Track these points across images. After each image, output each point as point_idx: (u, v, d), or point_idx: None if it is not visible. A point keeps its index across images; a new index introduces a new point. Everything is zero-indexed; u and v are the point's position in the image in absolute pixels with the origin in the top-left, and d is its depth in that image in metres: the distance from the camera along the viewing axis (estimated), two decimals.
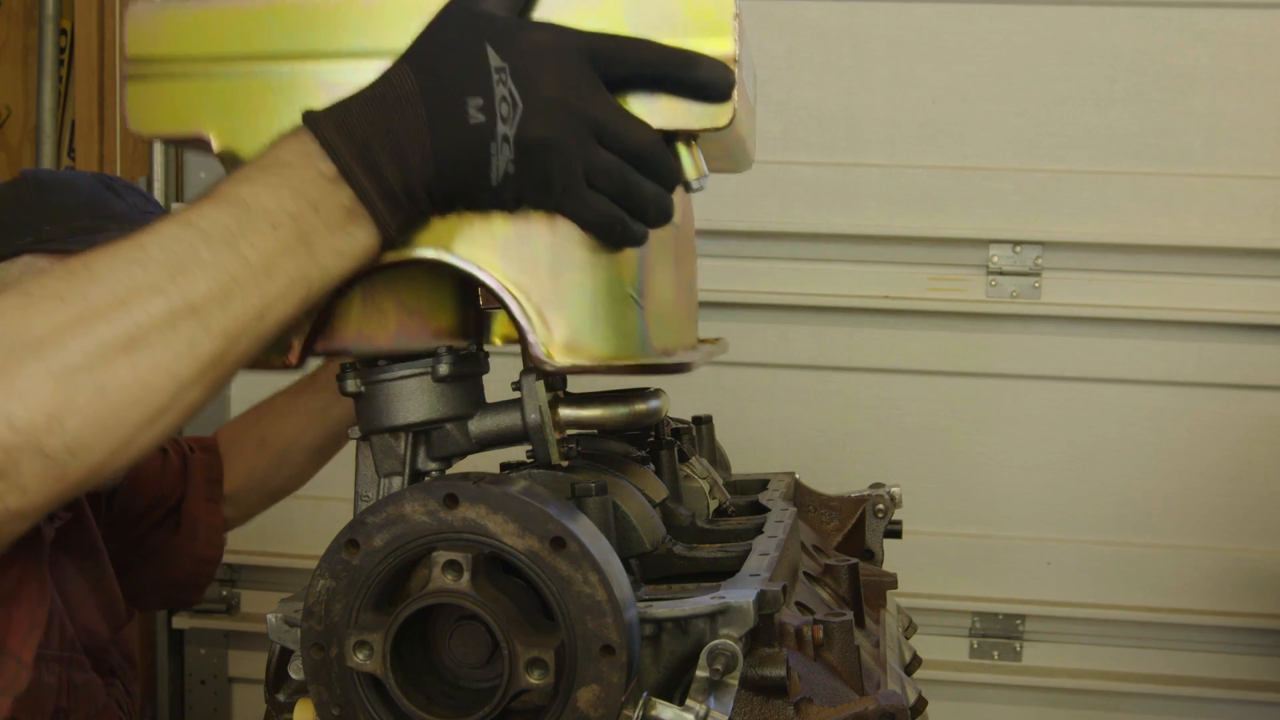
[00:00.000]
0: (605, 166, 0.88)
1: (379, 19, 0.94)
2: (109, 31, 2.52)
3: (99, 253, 0.84)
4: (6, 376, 0.79)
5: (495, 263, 0.93)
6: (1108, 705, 2.46)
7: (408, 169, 0.88)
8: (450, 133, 0.87)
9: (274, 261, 0.86)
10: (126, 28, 0.99)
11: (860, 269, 2.42)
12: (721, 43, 0.91)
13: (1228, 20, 2.32)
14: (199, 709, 2.67)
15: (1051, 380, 2.42)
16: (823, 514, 1.54)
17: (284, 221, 0.86)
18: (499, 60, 0.87)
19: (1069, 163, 2.38)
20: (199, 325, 0.83)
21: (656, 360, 0.96)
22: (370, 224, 0.89)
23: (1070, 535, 2.44)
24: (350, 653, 0.87)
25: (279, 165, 0.87)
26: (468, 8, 0.90)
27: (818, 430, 2.46)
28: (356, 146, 0.87)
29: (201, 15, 0.98)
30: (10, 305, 0.82)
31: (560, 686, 0.86)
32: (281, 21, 0.96)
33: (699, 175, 0.94)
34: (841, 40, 2.40)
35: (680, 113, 0.91)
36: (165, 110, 0.98)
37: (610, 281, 0.94)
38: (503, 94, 0.87)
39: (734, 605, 0.93)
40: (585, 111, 0.87)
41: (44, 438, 0.80)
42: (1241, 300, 2.35)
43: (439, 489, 0.87)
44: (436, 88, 0.88)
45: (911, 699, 1.22)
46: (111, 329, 0.81)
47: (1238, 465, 2.40)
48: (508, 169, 0.88)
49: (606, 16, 0.91)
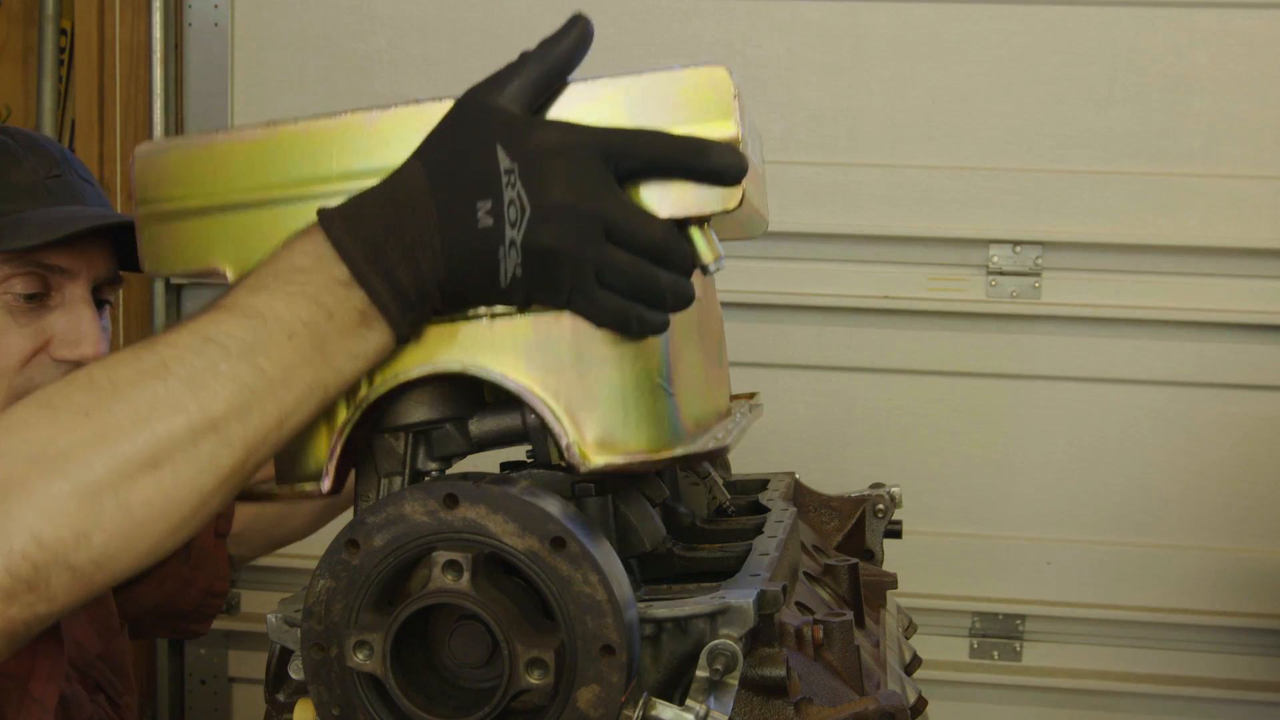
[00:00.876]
0: (617, 264, 0.88)
1: (382, 137, 0.95)
2: (109, 31, 2.52)
3: (121, 364, 0.87)
4: (34, 494, 0.82)
5: (520, 367, 0.94)
6: (1108, 705, 2.46)
7: (419, 271, 0.89)
8: (459, 236, 0.88)
9: (291, 372, 0.88)
10: (134, 171, 1.00)
11: (860, 269, 2.42)
12: (724, 126, 0.91)
13: (1228, 20, 2.32)
14: (199, 709, 2.66)
15: (1051, 380, 2.42)
16: (823, 514, 1.54)
17: (299, 331, 0.88)
18: (509, 161, 0.88)
19: (1069, 163, 2.37)
20: (220, 440, 0.86)
21: (691, 450, 0.95)
22: (384, 325, 0.90)
23: (1070, 535, 2.44)
24: (350, 653, 0.87)
25: (293, 271, 0.89)
26: (482, 102, 0.91)
27: (818, 430, 2.46)
28: (369, 249, 0.89)
29: (206, 152, 0.98)
30: (35, 418, 0.85)
31: (560, 686, 0.86)
32: (285, 151, 0.97)
33: (715, 258, 0.93)
34: (841, 40, 2.40)
35: (690, 199, 0.90)
36: (179, 252, 0.99)
37: (638, 374, 0.93)
38: (511, 197, 0.87)
39: (734, 605, 0.93)
40: (596, 213, 0.87)
41: (71, 554, 0.83)
42: (1241, 300, 2.35)
43: (439, 489, 0.87)
44: (447, 189, 0.89)
45: (911, 699, 1.22)
46: (135, 446, 0.84)
47: (1238, 465, 2.40)
48: (516, 272, 0.89)
49: (608, 110, 0.91)
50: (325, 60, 2.51)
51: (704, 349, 1.07)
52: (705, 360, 1.08)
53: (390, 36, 2.49)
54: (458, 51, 2.48)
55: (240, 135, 0.98)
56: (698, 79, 0.91)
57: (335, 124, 0.97)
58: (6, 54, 2.70)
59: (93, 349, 1.39)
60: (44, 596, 0.83)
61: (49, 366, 1.39)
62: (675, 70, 0.91)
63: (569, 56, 0.93)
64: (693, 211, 0.91)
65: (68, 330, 1.38)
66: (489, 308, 0.94)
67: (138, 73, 2.52)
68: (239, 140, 0.98)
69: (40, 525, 0.82)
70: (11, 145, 1.42)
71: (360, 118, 0.96)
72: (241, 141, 0.98)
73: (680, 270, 0.90)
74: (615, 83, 0.92)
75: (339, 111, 0.97)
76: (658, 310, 0.90)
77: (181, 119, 2.56)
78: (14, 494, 0.82)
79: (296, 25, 2.51)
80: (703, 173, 0.90)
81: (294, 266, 0.89)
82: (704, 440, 0.99)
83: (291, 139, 0.97)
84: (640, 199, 0.90)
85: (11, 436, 0.85)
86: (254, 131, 0.98)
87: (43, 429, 0.84)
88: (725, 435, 1.03)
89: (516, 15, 2.45)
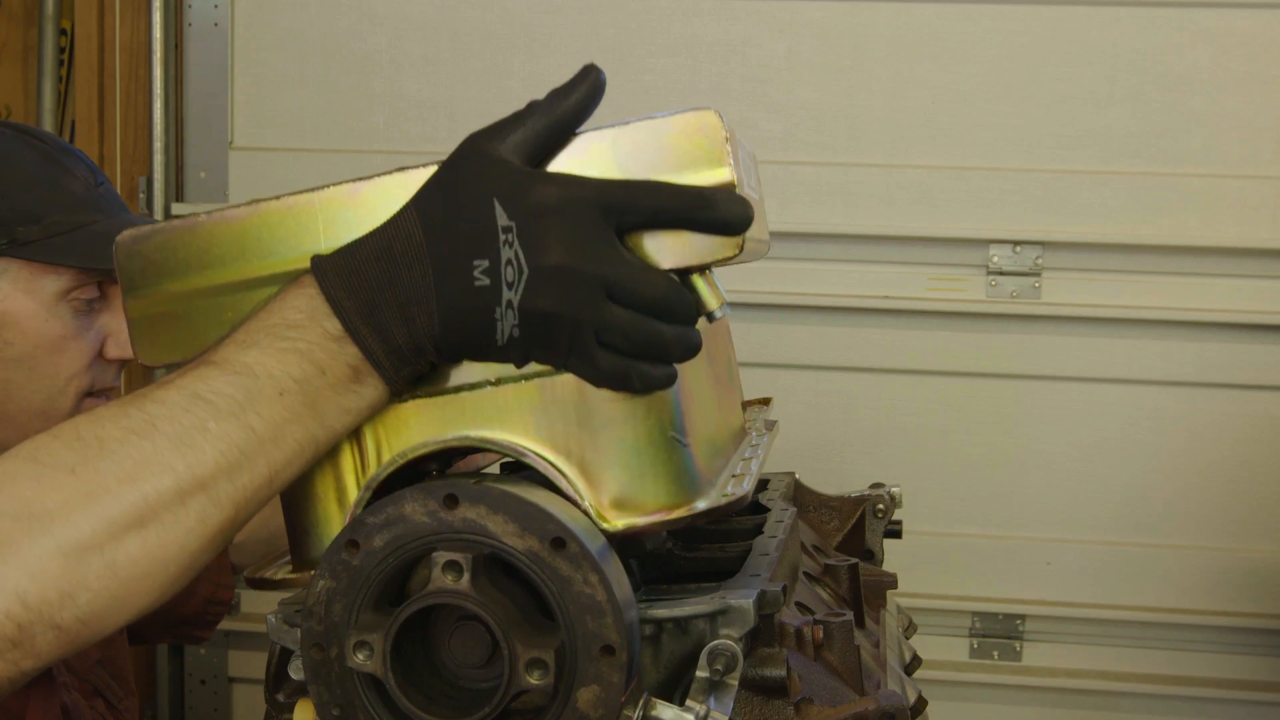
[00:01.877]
0: (618, 324, 0.86)
1: (367, 207, 0.93)
2: (109, 31, 2.52)
3: (108, 421, 0.85)
4: (19, 553, 0.81)
5: (529, 433, 0.92)
6: (1108, 705, 2.46)
7: (413, 326, 0.88)
8: (455, 294, 0.87)
9: (282, 429, 0.86)
10: (118, 260, 0.98)
11: (860, 269, 2.42)
12: (719, 172, 0.89)
13: (1228, 20, 2.32)
14: (199, 709, 2.66)
15: (1051, 380, 2.42)
16: (823, 514, 1.54)
17: (291, 388, 0.87)
18: (506, 219, 0.86)
19: (1069, 163, 2.38)
20: (208, 499, 0.85)
21: (712, 505, 0.93)
22: (377, 380, 0.89)
23: (1070, 535, 2.44)
24: (350, 653, 0.87)
25: (285, 326, 0.88)
26: (483, 151, 0.89)
27: (818, 430, 2.46)
28: (362, 304, 0.87)
29: (190, 236, 0.96)
30: (20, 473, 0.83)
31: (560, 687, 0.86)
32: (270, 229, 0.95)
33: (719, 304, 0.91)
34: (841, 40, 2.40)
35: (693, 249, 0.88)
36: (173, 342, 0.97)
37: (650, 429, 0.92)
38: (509, 257, 0.85)
39: (734, 605, 0.93)
40: (595, 274, 0.85)
41: (57, 613, 0.81)
42: (1241, 300, 2.35)
43: (439, 489, 0.87)
44: (443, 245, 0.87)
45: (911, 699, 1.22)
46: (122, 506, 0.82)
47: (1238, 465, 2.40)
48: (513, 332, 0.87)
49: (597, 166, 0.89)
50: (325, 60, 2.51)
51: (714, 375, 1.05)
52: (716, 387, 1.06)
53: (390, 36, 2.49)
54: (458, 51, 2.48)
55: (223, 217, 0.96)
56: (687, 125, 0.89)
57: (319, 198, 0.95)
58: (6, 54, 2.70)
59: None
60: (29, 654, 0.81)
61: (104, 366, 1.44)
62: (663, 118, 0.89)
63: (578, 110, 0.91)
64: (695, 261, 0.89)
65: (119, 330, 1.42)
66: (493, 374, 0.92)
67: (138, 73, 2.53)
68: (222, 222, 0.96)
69: (25, 585, 0.80)
70: (52, 152, 1.45)
71: (343, 190, 0.94)
72: (225, 223, 0.96)
73: (685, 322, 0.88)
74: (603, 135, 0.90)
75: (322, 185, 0.95)
76: (663, 364, 0.88)
77: (181, 119, 2.56)
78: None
79: (296, 25, 2.51)
80: (707, 224, 0.87)
81: (286, 321, 0.88)
82: (723, 486, 0.97)
83: (276, 217, 0.95)
84: (641, 250, 0.88)
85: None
86: (237, 212, 0.96)
87: (28, 485, 0.82)
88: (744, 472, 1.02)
89: (516, 15, 2.45)
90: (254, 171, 2.53)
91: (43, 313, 1.39)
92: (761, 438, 1.21)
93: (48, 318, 1.39)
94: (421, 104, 2.49)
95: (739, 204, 0.88)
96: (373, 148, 2.50)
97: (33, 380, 1.39)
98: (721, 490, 0.96)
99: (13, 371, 1.39)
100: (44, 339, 1.39)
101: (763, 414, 1.41)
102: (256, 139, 2.55)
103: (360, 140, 2.50)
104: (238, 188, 2.53)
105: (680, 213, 0.87)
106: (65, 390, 1.40)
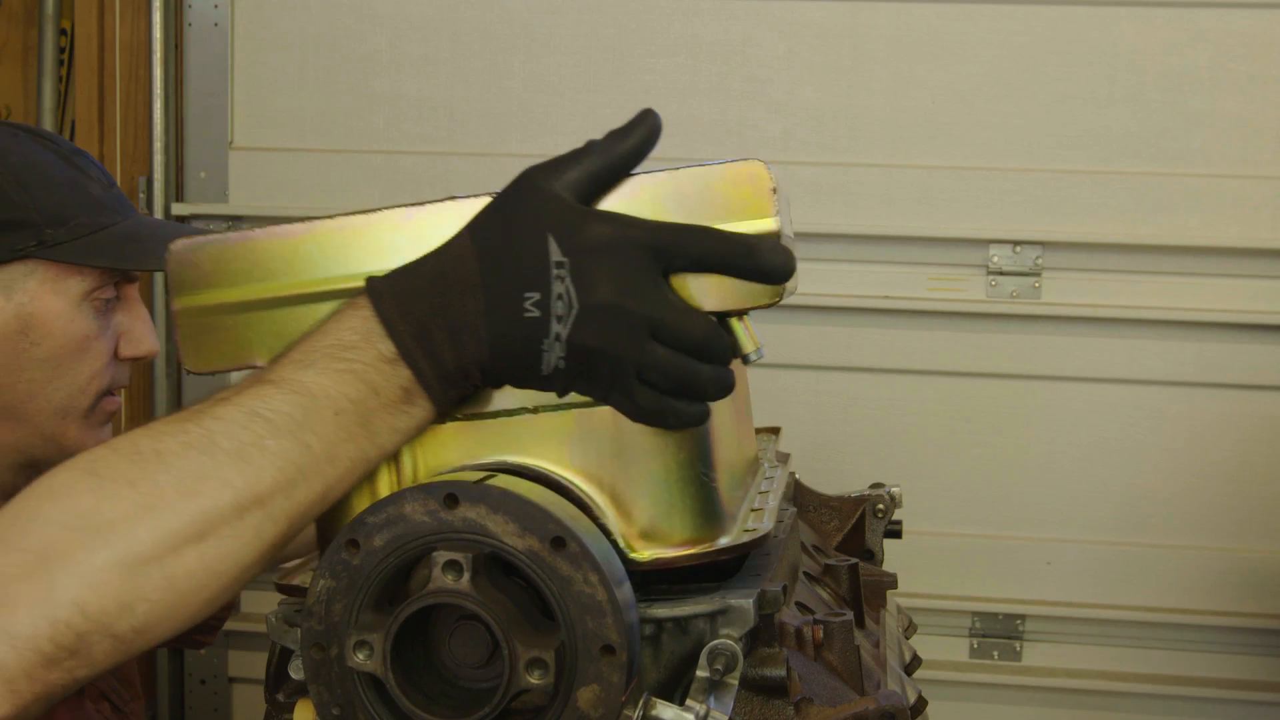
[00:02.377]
0: (658, 363, 0.89)
1: (418, 233, 0.94)
2: (109, 31, 2.52)
3: (167, 435, 0.87)
4: (79, 564, 0.82)
5: (564, 459, 0.95)
6: (1108, 705, 2.46)
7: (463, 352, 0.90)
8: (505, 324, 0.89)
9: (336, 447, 0.89)
10: (170, 266, 1.00)
11: (860, 269, 2.42)
12: (765, 222, 0.91)
13: (1228, 20, 2.32)
14: (199, 709, 2.66)
15: (1051, 380, 2.42)
16: (823, 514, 1.54)
17: (346, 408, 0.89)
18: (560, 254, 0.88)
19: (1069, 163, 2.38)
20: (265, 514, 0.87)
21: (735, 543, 0.96)
22: (426, 401, 0.91)
23: (1070, 535, 2.44)
24: (350, 653, 0.87)
25: (341, 348, 0.90)
26: (540, 187, 0.90)
27: (818, 430, 2.47)
28: (416, 328, 0.89)
29: (243, 249, 0.98)
30: (80, 486, 0.85)
31: (560, 686, 0.86)
32: (322, 247, 0.98)
33: (755, 347, 0.94)
34: (841, 40, 2.40)
35: (735, 294, 0.91)
36: (218, 349, 0.99)
37: (681, 464, 0.95)
38: (560, 292, 0.88)
39: (734, 605, 0.93)
40: (642, 313, 0.88)
41: (115, 623, 0.83)
42: (1241, 300, 2.35)
43: (439, 489, 0.87)
44: (497, 275, 0.89)
45: (911, 699, 1.22)
46: (180, 520, 0.84)
47: (1238, 465, 2.40)
48: (559, 364, 0.89)
49: (647, 206, 0.92)
50: (325, 60, 2.51)
51: (735, 409, 1.08)
52: (736, 420, 1.09)
53: (390, 36, 2.49)
54: (458, 51, 2.48)
55: (277, 232, 0.98)
56: (736, 175, 0.92)
57: (372, 220, 0.97)
58: (6, 54, 2.70)
59: (152, 344, 1.47)
60: (84, 662, 0.83)
61: (120, 365, 1.46)
62: (713, 166, 0.92)
63: (635, 152, 0.93)
64: (736, 306, 0.92)
65: (132, 328, 1.45)
66: (532, 402, 0.94)
67: (138, 73, 2.53)
68: (275, 237, 0.98)
69: (85, 595, 0.82)
70: (71, 156, 1.47)
71: (397, 214, 0.96)
72: (278, 238, 0.98)
73: (722, 363, 0.91)
74: (655, 179, 0.92)
75: (375, 208, 0.97)
76: (699, 401, 0.91)
77: (181, 119, 2.56)
78: (58, 563, 0.82)
79: (296, 25, 2.52)
80: (751, 271, 0.90)
81: (342, 343, 0.90)
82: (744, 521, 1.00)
83: (327, 236, 0.97)
84: (686, 292, 0.91)
85: (55, 503, 0.84)
86: (290, 228, 0.98)
87: (87, 498, 0.84)
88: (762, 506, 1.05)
89: (516, 15, 2.45)
90: (254, 171, 2.53)
91: (69, 313, 1.40)
92: (775, 469, 1.24)
93: (73, 318, 1.40)
94: (421, 104, 2.49)
95: (782, 254, 0.90)
96: (373, 148, 2.50)
97: (56, 380, 1.40)
98: (743, 525, 1.00)
99: (38, 371, 1.40)
100: (70, 340, 1.40)
101: (773, 444, 1.42)
102: (256, 139, 2.55)
103: (360, 140, 2.50)
104: (238, 188, 2.53)
105: (726, 259, 0.90)
106: (86, 389, 1.42)
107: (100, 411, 1.45)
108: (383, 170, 2.48)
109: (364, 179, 2.48)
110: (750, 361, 0.94)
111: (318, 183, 2.49)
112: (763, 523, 1.00)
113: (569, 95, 2.46)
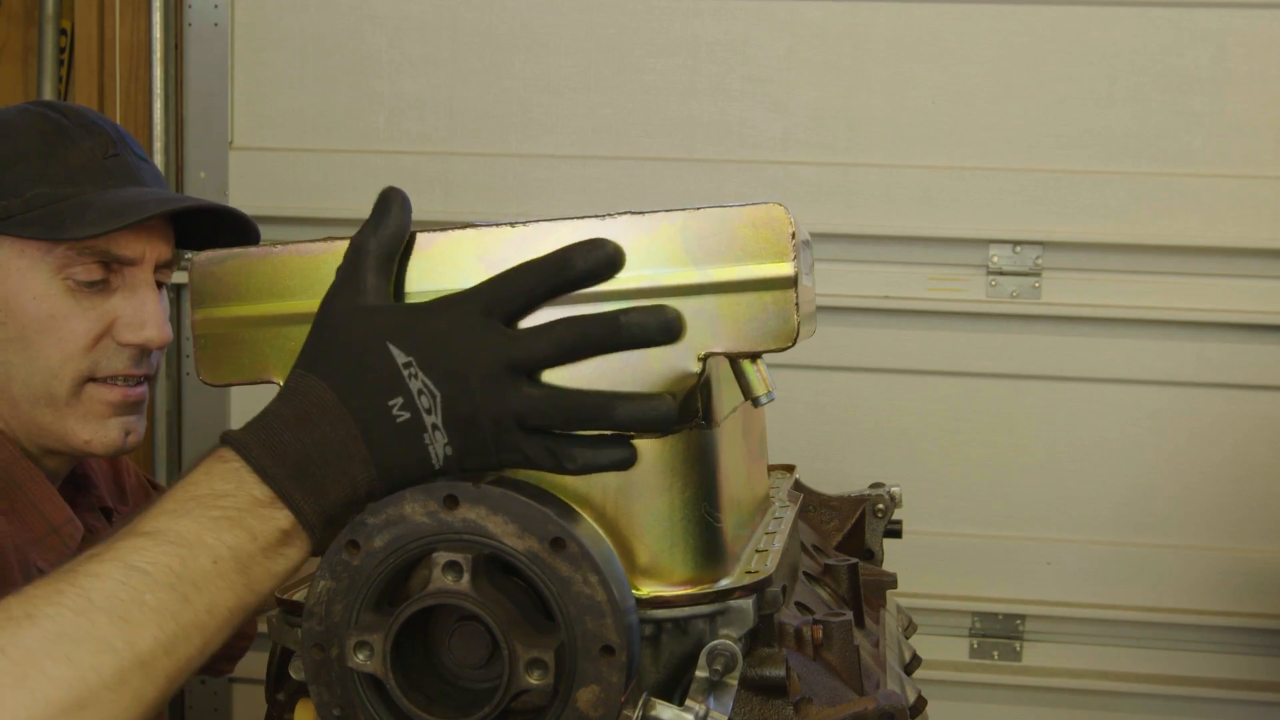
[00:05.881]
0: (535, 403, 0.87)
1: (437, 259, 0.95)
2: (109, 31, 2.52)
3: (40, 597, 0.81)
4: None
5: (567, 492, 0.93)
6: (1108, 705, 2.46)
7: (353, 482, 0.89)
8: (383, 437, 0.88)
9: (216, 599, 0.86)
10: (192, 279, 1.00)
11: (860, 269, 2.42)
12: (781, 266, 0.91)
13: (1228, 20, 2.32)
14: (199, 709, 2.66)
15: (1051, 380, 2.42)
16: (823, 514, 1.54)
17: (224, 554, 0.86)
18: (404, 355, 0.88)
19: (1069, 163, 2.38)
20: (146, 677, 0.82)
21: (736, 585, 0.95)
22: (304, 542, 0.90)
23: (1070, 535, 2.44)
24: (350, 653, 0.87)
25: (214, 496, 0.88)
26: (354, 304, 0.91)
27: (818, 430, 2.47)
28: (293, 469, 0.88)
29: (264, 264, 0.99)
30: None
31: (560, 687, 0.86)
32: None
33: (766, 390, 0.93)
34: (841, 40, 2.40)
35: (744, 338, 0.91)
36: (235, 363, 1.00)
37: (685, 503, 0.94)
38: (418, 387, 0.88)
39: (733, 605, 0.93)
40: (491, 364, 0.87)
41: None
42: (1241, 300, 2.35)
43: (439, 490, 0.87)
44: (356, 397, 0.89)
45: (911, 699, 1.22)
46: (58, 690, 0.78)
47: (1238, 465, 2.40)
48: (446, 451, 0.88)
49: (664, 244, 0.91)
50: (325, 60, 2.51)
51: (747, 449, 1.07)
52: (748, 460, 1.08)
53: (390, 36, 2.49)
54: (458, 51, 2.48)
55: (298, 249, 0.99)
56: (755, 218, 0.91)
57: None
58: (6, 54, 2.70)
59: (156, 332, 1.42)
60: None
61: (114, 350, 1.41)
62: (734, 207, 0.92)
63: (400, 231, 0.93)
64: (747, 349, 0.92)
65: (132, 314, 1.40)
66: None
67: (138, 73, 2.53)
68: (296, 254, 0.98)
69: None
70: (66, 124, 1.42)
71: (418, 239, 0.96)
72: (299, 255, 0.98)
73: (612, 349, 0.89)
74: (674, 217, 0.92)
75: None
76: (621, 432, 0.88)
77: (181, 119, 2.56)
78: None
79: (296, 25, 2.52)
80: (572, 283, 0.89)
81: (215, 491, 0.88)
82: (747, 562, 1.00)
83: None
84: (693, 335, 0.90)
85: None
86: (311, 246, 0.98)
87: None
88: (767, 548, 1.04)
89: (516, 15, 2.45)
90: (254, 171, 2.53)
91: (35, 290, 1.36)
92: (785, 509, 1.23)
93: (39, 296, 1.37)
94: (421, 104, 2.49)
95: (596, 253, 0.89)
96: (373, 148, 2.50)
97: (30, 362, 1.38)
98: (746, 566, 0.99)
99: (11, 354, 1.38)
100: (32, 319, 1.37)
101: (786, 482, 1.42)
102: (256, 139, 2.55)
103: (360, 140, 2.50)
104: (238, 188, 2.53)
105: (549, 284, 0.89)
106: (59, 374, 1.38)
107: (92, 401, 1.40)
108: (383, 170, 2.48)
109: (364, 179, 2.48)
110: (760, 404, 0.93)
111: (318, 183, 2.49)
112: (766, 564, 0.99)
113: (569, 95, 2.46)
